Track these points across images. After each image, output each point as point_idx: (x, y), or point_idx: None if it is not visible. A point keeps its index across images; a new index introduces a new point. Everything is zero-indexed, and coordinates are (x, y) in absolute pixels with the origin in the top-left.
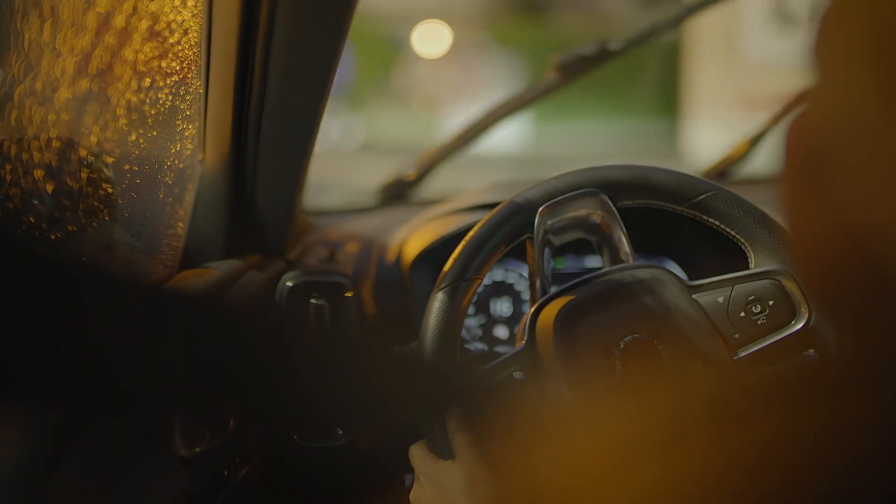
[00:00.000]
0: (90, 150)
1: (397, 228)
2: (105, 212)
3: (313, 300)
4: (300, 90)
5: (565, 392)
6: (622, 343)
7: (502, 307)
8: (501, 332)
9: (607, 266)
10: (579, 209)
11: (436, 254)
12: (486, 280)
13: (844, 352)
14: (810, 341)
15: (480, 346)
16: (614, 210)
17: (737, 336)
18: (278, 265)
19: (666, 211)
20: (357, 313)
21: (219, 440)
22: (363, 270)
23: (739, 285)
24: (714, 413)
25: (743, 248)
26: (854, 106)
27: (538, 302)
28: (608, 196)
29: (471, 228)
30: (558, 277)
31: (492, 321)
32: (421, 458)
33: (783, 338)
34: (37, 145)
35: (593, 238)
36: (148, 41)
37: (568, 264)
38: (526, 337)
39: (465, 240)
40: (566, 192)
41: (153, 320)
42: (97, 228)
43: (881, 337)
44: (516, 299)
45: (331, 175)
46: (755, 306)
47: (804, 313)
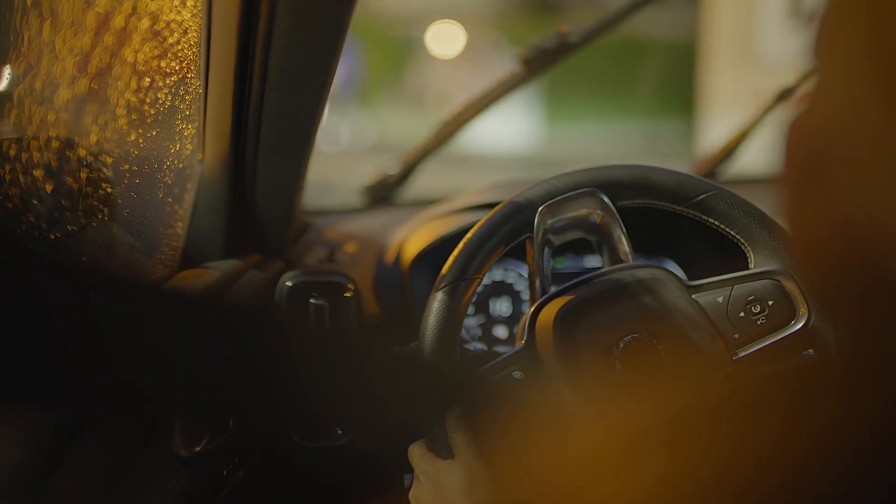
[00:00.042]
0: (90, 150)
1: (397, 228)
2: (104, 211)
3: (313, 300)
4: (300, 90)
5: (565, 392)
6: (622, 343)
7: (502, 307)
8: (501, 332)
9: (607, 266)
10: (579, 209)
11: (435, 253)
12: (486, 280)
13: (844, 352)
14: (810, 341)
15: (480, 346)
16: (614, 210)
17: (736, 336)
18: (278, 265)
19: (666, 211)
20: (356, 313)
21: (218, 440)
22: (362, 270)
23: (739, 285)
24: (713, 413)
25: (743, 249)
26: (854, 106)
27: (538, 301)
28: (608, 196)
29: (470, 228)
30: (558, 277)
31: (491, 321)
32: (420, 458)
33: (783, 338)
34: (36, 145)
35: (593, 238)
36: (147, 41)
37: (567, 264)
38: (525, 336)
39: (465, 239)
40: (566, 192)
41: (152, 320)
42: (97, 228)
43: (881, 337)
44: (516, 299)
45: (341, 175)
46: (755, 306)
47: (804, 313)
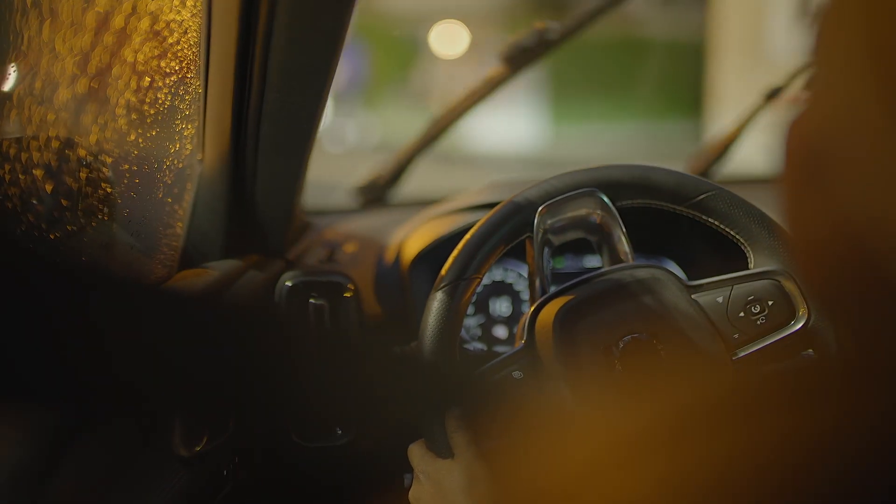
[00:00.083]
0: (89, 150)
1: (396, 228)
2: (104, 211)
3: (312, 300)
4: (300, 90)
5: (564, 392)
6: (621, 343)
7: (501, 307)
8: (500, 332)
9: (607, 266)
10: (579, 209)
11: (435, 253)
12: (486, 280)
13: (844, 351)
14: (809, 341)
15: (479, 346)
16: (614, 210)
17: (736, 336)
18: (277, 265)
19: (666, 211)
20: (356, 313)
21: (218, 440)
22: (362, 270)
23: (739, 285)
24: (713, 413)
25: (742, 249)
26: (854, 106)
27: (537, 301)
28: (608, 196)
29: (470, 228)
30: (558, 277)
31: (491, 321)
32: (420, 457)
33: (782, 338)
34: (36, 145)
35: (593, 238)
36: (147, 41)
37: (567, 264)
38: (525, 336)
39: (465, 239)
40: (566, 192)
41: (152, 320)
42: (96, 228)
43: (881, 337)
44: (515, 299)
45: (346, 175)
46: (754, 306)
47: (803, 314)
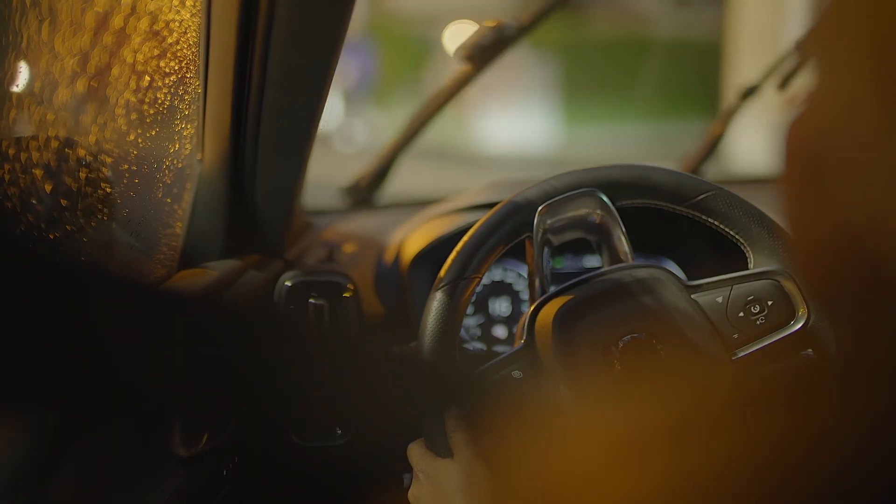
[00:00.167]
0: (89, 150)
1: (396, 228)
2: (103, 211)
3: (312, 300)
4: (299, 89)
5: (564, 391)
6: (621, 342)
7: (501, 307)
8: (500, 332)
9: (606, 265)
10: (579, 209)
11: (435, 253)
12: (485, 280)
13: (844, 351)
14: (809, 342)
15: (479, 346)
16: (613, 210)
17: (735, 336)
18: (277, 265)
19: (665, 211)
20: (356, 313)
21: (218, 440)
22: (362, 270)
23: (738, 285)
24: (713, 413)
25: (742, 249)
26: (854, 106)
27: (537, 301)
28: (607, 195)
29: (470, 228)
30: (557, 277)
31: (490, 321)
32: (419, 457)
33: (782, 338)
34: (35, 145)
35: (592, 237)
36: (147, 41)
37: (567, 264)
38: (525, 336)
39: (464, 239)
40: (565, 192)
41: (152, 320)
42: (96, 228)
43: (881, 337)
44: (515, 299)
45: (353, 176)
46: (754, 306)
47: (803, 314)
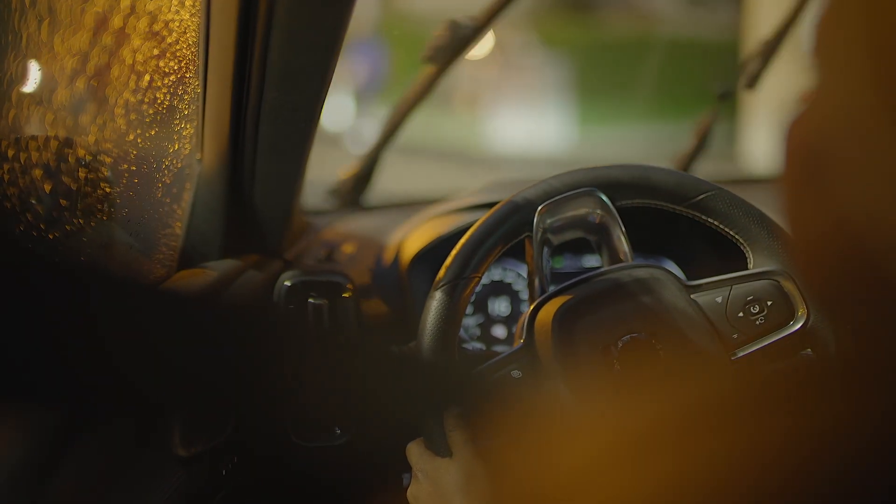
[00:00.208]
0: (88, 150)
1: (395, 228)
2: (103, 211)
3: (311, 300)
4: (298, 89)
5: (563, 391)
6: (620, 342)
7: (500, 307)
8: (499, 332)
9: (606, 265)
10: (578, 208)
11: (434, 253)
12: (485, 279)
13: (843, 351)
14: (808, 341)
15: (478, 346)
16: (613, 209)
17: (735, 336)
18: (276, 265)
19: (665, 211)
20: (355, 313)
21: (217, 440)
22: (361, 270)
23: (738, 285)
24: (712, 413)
25: (742, 249)
26: (854, 106)
27: (536, 301)
28: (607, 195)
29: (469, 228)
30: (557, 276)
31: (490, 321)
32: (418, 456)
33: (781, 338)
34: (35, 145)
35: (592, 237)
36: (146, 41)
37: (566, 263)
38: (524, 336)
39: (464, 239)
40: (565, 192)
41: (151, 320)
42: (95, 228)
43: (881, 337)
44: (514, 299)
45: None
46: (753, 306)
47: (802, 314)
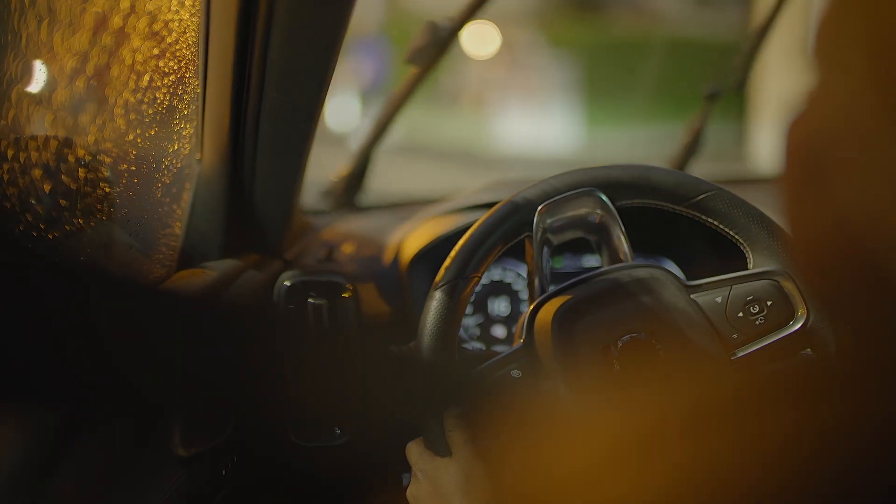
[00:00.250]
0: (88, 150)
1: (395, 228)
2: (103, 211)
3: (311, 300)
4: (298, 89)
5: (563, 391)
6: (620, 342)
7: (500, 306)
8: (499, 332)
9: (606, 265)
10: (578, 208)
11: (434, 253)
12: (484, 279)
13: (843, 351)
14: (808, 342)
15: (478, 346)
16: (613, 209)
17: (735, 336)
18: (276, 265)
19: (665, 211)
20: (355, 313)
21: (217, 440)
22: (361, 270)
23: (738, 285)
24: (711, 413)
25: (742, 249)
26: (854, 106)
27: (536, 301)
28: (607, 195)
29: (469, 228)
30: (556, 276)
31: (490, 320)
32: (418, 456)
33: (781, 338)
34: (34, 145)
35: (592, 237)
36: (146, 41)
37: (566, 263)
38: (524, 336)
39: (464, 238)
40: (565, 192)
41: (151, 320)
42: (95, 228)
43: (881, 337)
44: (514, 298)
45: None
46: (753, 306)
47: (802, 314)
